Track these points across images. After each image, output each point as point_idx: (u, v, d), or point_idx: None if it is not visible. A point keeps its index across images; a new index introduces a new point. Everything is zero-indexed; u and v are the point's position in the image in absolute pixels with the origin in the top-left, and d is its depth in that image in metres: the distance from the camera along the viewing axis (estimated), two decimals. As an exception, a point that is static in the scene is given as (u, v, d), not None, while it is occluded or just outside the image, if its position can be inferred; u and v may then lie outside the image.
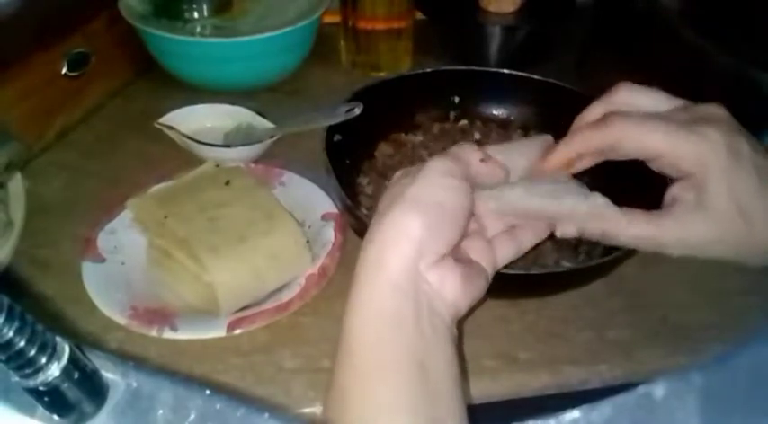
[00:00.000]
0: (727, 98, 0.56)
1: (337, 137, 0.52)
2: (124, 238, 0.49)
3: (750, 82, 0.59)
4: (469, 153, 0.36)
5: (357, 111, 0.52)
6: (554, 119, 0.57)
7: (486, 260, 0.36)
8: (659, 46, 0.65)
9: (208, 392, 0.20)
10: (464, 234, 0.34)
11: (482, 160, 0.36)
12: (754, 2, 0.62)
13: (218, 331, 0.43)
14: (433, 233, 0.31)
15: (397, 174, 0.36)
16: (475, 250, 0.36)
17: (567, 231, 0.38)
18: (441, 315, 0.31)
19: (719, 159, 0.35)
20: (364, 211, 0.52)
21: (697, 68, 0.61)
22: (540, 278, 0.44)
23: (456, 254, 0.34)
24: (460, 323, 0.35)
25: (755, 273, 0.50)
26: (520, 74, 0.58)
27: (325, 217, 0.51)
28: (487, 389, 0.43)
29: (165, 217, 0.46)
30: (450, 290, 0.32)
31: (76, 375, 0.19)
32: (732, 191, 0.35)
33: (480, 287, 0.34)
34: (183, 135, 0.57)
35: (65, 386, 0.19)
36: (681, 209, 0.36)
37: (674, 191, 0.37)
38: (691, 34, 0.63)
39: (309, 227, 0.50)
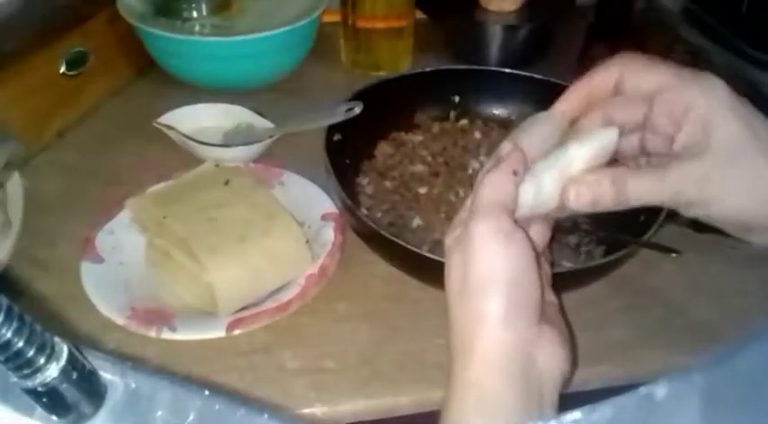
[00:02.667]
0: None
1: (337, 137, 0.52)
2: (123, 238, 0.49)
3: (750, 82, 0.59)
4: (504, 184, 0.32)
5: (357, 111, 0.52)
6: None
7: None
8: (659, 46, 0.65)
9: (207, 392, 0.20)
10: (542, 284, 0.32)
11: (516, 173, 0.32)
12: (754, 2, 0.62)
13: (217, 332, 0.43)
14: (512, 301, 0.29)
15: (448, 243, 0.33)
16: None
17: (581, 193, 0.34)
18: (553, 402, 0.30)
19: (725, 95, 0.32)
20: (364, 211, 0.52)
21: (697, 68, 0.61)
22: (541, 278, 0.44)
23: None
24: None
25: (756, 273, 0.51)
26: (520, 73, 0.58)
27: (325, 217, 0.50)
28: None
29: (164, 217, 0.46)
30: (559, 361, 0.30)
31: (75, 376, 0.19)
32: (743, 126, 0.32)
33: (570, 345, 0.32)
34: (183, 134, 0.57)
35: (63, 387, 0.19)
36: (688, 154, 0.33)
37: (680, 139, 0.33)
38: (691, 34, 0.63)
39: (309, 227, 0.50)
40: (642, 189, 0.33)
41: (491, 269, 0.29)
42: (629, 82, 0.35)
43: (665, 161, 0.34)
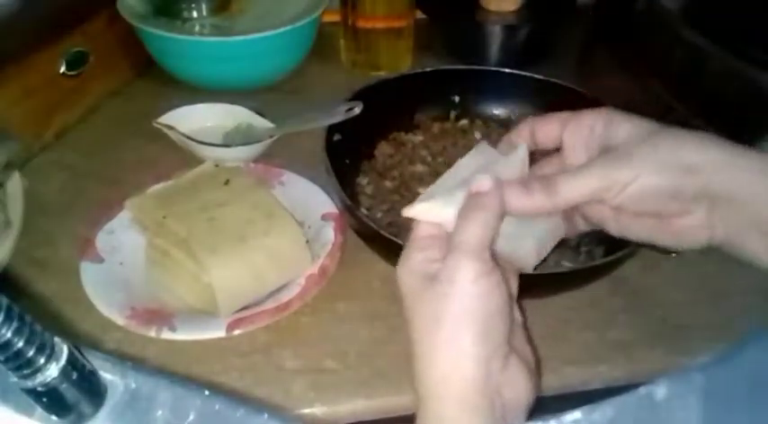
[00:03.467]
0: (727, 98, 0.56)
1: (337, 137, 0.52)
2: (123, 238, 0.49)
3: (750, 82, 0.59)
4: (489, 222, 0.31)
5: (357, 111, 0.52)
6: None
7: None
8: (659, 46, 0.65)
9: (207, 392, 0.20)
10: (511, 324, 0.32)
11: (501, 214, 0.32)
12: (754, 2, 0.62)
13: (217, 332, 0.43)
14: (487, 339, 0.30)
15: (408, 278, 0.32)
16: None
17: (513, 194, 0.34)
18: None
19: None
20: (364, 211, 0.52)
21: (697, 68, 0.61)
22: (541, 278, 0.44)
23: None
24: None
25: (756, 273, 0.51)
26: (520, 73, 0.58)
27: (325, 217, 0.50)
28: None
29: (164, 217, 0.46)
30: (524, 392, 0.31)
31: (75, 376, 0.19)
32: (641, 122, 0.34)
33: (534, 372, 0.33)
34: (183, 134, 0.57)
35: (63, 387, 0.19)
36: (607, 156, 0.34)
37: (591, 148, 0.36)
38: (691, 34, 0.63)
39: (309, 227, 0.50)
40: (571, 183, 0.34)
41: (471, 307, 0.30)
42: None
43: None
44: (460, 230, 0.31)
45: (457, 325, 0.30)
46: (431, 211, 0.34)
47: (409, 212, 0.34)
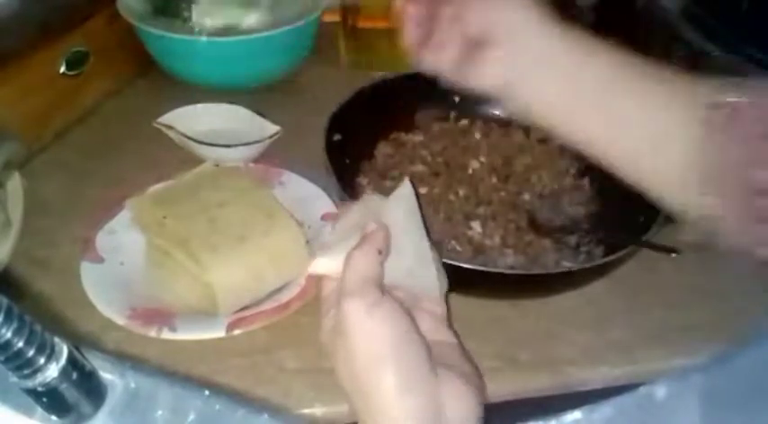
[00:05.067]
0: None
1: (337, 137, 0.52)
2: (123, 238, 0.49)
3: (750, 82, 0.59)
4: (369, 262, 0.32)
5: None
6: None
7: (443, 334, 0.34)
8: (659, 46, 0.65)
9: (207, 392, 0.20)
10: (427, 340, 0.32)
11: (380, 252, 0.33)
12: (755, 1, 0.62)
13: (217, 332, 0.43)
14: (410, 368, 0.29)
15: (323, 338, 0.34)
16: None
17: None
18: None
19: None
20: (364, 211, 0.52)
21: (697, 68, 0.61)
22: (541, 278, 0.44)
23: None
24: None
25: (756, 273, 0.51)
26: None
27: (325, 217, 0.50)
28: (487, 390, 0.43)
29: (165, 217, 0.46)
30: (467, 405, 0.30)
31: (75, 376, 0.19)
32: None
33: (478, 384, 0.32)
34: (183, 134, 0.57)
35: (63, 387, 0.19)
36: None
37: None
38: (691, 34, 0.63)
39: (309, 227, 0.50)
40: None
41: (372, 345, 0.30)
42: None
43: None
44: (345, 276, 0.32)
45: (371, 369, 0.30)
46: (329, 265, 0.35)
47: (310, 270, 0.36)
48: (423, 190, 0.53)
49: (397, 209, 0.37)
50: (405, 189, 0.38)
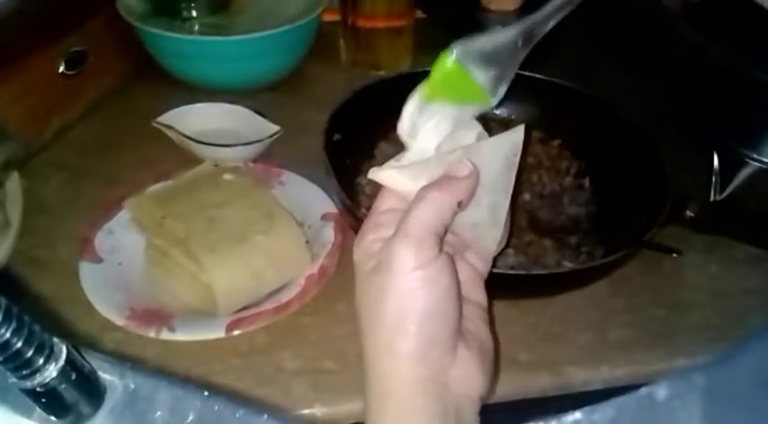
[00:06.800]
0: (727, 98, 0.55)
1: (337, 137, 0.52)
2: (122, 238, 0.48)
3: (750, 82, 0.59)
4: (445, 210, 0.29)
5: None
6: (555, 117, 0.57)
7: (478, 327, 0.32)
8: (659, 46, 0.65)
9: (206, 393, 0.20)
10: (461, 312, 0.30)
11: (460, 204, 0.30)
12: (754, 2, 0.62)
13: (216, 332, 0.43)
14: (427, 337, 0.28)
15: (357, 257, 0.30)
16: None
17: None
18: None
19: None
20: (364, 211, 0.52)
21: (697, 68, 0.61)
22: (542, 278, 0.44)
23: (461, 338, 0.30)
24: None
25: (756, 273, 0.51)
26: (521, 72, 0.57)
27: (324, 217, 0.50)
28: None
29: (164, 217, 0.46)
30: (477, 385, 0.29)
31: (74, 377, 0.19)
32: None
33: (491, 357, 0.31)
34: (182, 134, 0.57)
35: (62, 387, 0.19)
36: None
37: None
38: (691, 34, 0.63)
39: (309, 227, 0.50)
40: None
41: (407, 303, 0.28)
42: None
43: None
44: (412, 213, 0.28)
45: (394, 325, 0.28)
46: (399, 180, 0.31)
47: (376, 176, 0.31)
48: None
49: (498, 155, 0.32)
50: (515, 133, 0.32)
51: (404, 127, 0.32)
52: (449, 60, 0.30)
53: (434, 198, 0.29)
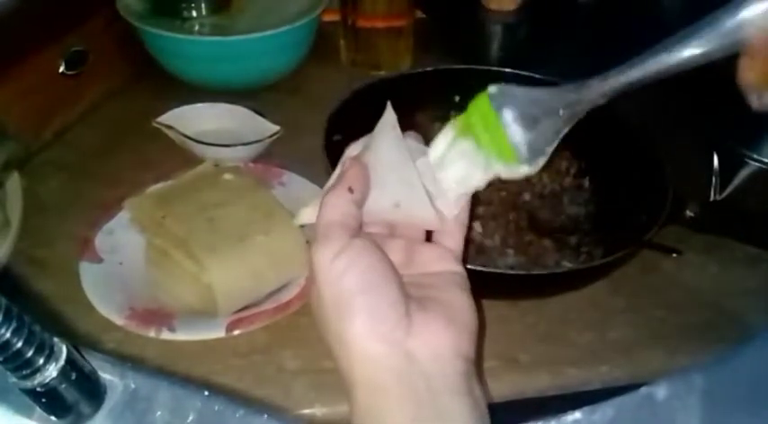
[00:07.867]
0: (727, 98, 0.55)
1: (337, 137, 0.52)
2: (122, 238, 0.48)
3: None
4: (341, 203, 0.31)
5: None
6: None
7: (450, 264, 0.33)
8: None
9: (206, 393, 0.20)
10: (402, 281, 0.30)
11: (351, 190, 0.32)
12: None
13: (216, 332, 0.43)
14: (379, 311, 0.28)
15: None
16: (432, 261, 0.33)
17: None
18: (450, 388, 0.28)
19: None
20: (364, 211, 0.52)
21: (697, 68, 0.61)
22: (541, 278, 0.44)
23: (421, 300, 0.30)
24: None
25: (756, 273, 0.51)
26: (521, 72, 0.58)
27: (324, 217, 0.50)
28: (488, 390, 0.43)
29: (164, 217, 0.46)
30: (443, 344, 0.29)
31: (74, 376, 0.19)
32: None
33: (465, 318, 0.31)
34: (182, 134, 0.57)
35: (62, 387, 0.19)
36: None
37: None
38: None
39: (309, 227, 0.50)
40: None
41: (337, 290, 0.29)
42: None
43: None
44: (316, 222, 0.31)
45: (336, 316, 0.29)
46: (312, 214, 0.33)
47: (296, 222, 0.35)
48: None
49: (380, 140, 0.33)
50: (387, 116, 0.34)
51: (433, 155, 0.34)
52: (483, 95, 0.31)
53: (327, 199, 0.31)
